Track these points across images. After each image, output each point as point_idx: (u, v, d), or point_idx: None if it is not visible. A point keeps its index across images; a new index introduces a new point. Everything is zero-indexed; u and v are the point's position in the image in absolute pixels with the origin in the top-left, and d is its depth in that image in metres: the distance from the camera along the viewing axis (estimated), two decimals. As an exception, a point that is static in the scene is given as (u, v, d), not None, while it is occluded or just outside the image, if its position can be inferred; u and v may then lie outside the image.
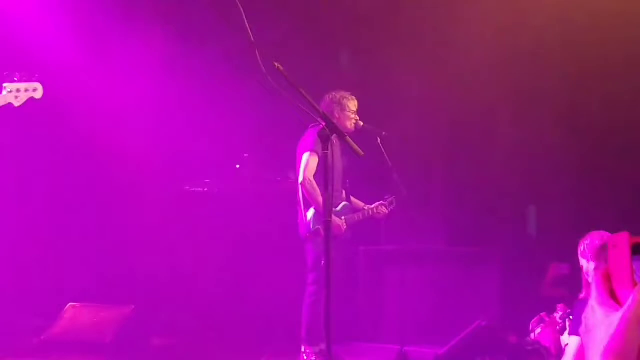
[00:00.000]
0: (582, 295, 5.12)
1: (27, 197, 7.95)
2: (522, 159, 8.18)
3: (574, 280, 5.29)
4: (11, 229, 7.73)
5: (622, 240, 4.15)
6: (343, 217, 6.72)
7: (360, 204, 7.00)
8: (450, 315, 7.46)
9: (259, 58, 3.90)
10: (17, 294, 7.71)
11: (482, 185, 8.20)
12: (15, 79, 5.63)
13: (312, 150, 6.55)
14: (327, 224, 4.13)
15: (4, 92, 5.60)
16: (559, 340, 5.41)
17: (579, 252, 5.11)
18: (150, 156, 8.05)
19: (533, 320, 5.73)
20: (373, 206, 6.94)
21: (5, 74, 5.63)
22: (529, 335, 5.84)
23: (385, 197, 7.00)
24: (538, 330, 5.70)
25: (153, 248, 7.96)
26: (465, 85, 8.27)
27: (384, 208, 6.96)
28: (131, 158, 8.01)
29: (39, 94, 5.73)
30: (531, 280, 7.73)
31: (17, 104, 5.65)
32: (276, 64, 3.92)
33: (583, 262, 5.09)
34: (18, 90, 5.63)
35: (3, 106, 5.60)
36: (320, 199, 6.37)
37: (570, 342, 4.84)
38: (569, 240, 5.38)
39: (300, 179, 6.58)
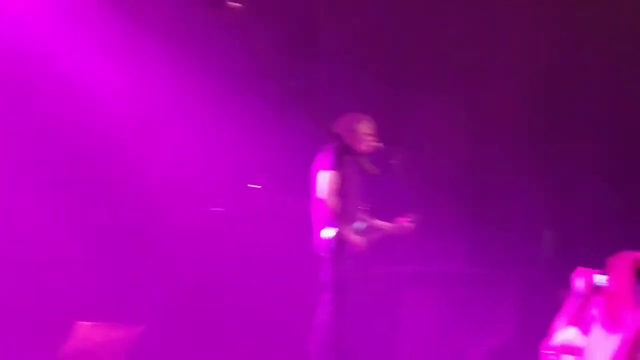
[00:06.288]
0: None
1: (43, 212, 7.92)
2: (541, 178, 8.16)
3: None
4: (25, 242, 7.73)
5: (626, 262, 4.10)
6: (363, 236, 6.73)
7: (379, 223, 6.98)
8: (465, 337, 7.45)
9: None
10: (27, 311, 7.69)
11: (500, 205, 8.17)
12: None
13: (330, 169, 6.63)
14: (341, 241, 4.11)
15: None
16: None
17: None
18: (170, 176, 8.05)
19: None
20: (392, 224, 6.94)
21: None
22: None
23: (405, 216, 6.99)
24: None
25: (169, 267, 7.99)
26: (484, 103, 8.26)
27: (403, 226, 6.96)
28: (151, 177, 8.01)
29: None
30: (548, 302, 7.64)
31: None
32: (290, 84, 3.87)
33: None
34: None
35: None
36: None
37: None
38: (586, 262, 5.30)
39: (321, 196, 6.63)
